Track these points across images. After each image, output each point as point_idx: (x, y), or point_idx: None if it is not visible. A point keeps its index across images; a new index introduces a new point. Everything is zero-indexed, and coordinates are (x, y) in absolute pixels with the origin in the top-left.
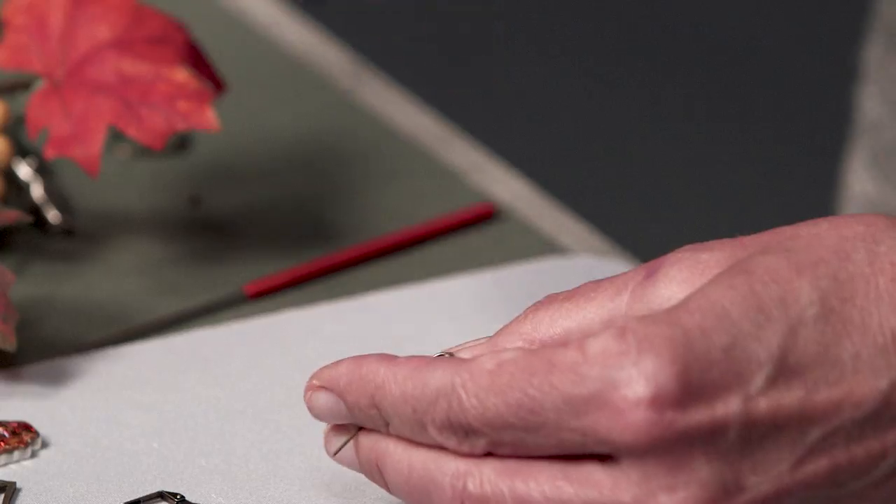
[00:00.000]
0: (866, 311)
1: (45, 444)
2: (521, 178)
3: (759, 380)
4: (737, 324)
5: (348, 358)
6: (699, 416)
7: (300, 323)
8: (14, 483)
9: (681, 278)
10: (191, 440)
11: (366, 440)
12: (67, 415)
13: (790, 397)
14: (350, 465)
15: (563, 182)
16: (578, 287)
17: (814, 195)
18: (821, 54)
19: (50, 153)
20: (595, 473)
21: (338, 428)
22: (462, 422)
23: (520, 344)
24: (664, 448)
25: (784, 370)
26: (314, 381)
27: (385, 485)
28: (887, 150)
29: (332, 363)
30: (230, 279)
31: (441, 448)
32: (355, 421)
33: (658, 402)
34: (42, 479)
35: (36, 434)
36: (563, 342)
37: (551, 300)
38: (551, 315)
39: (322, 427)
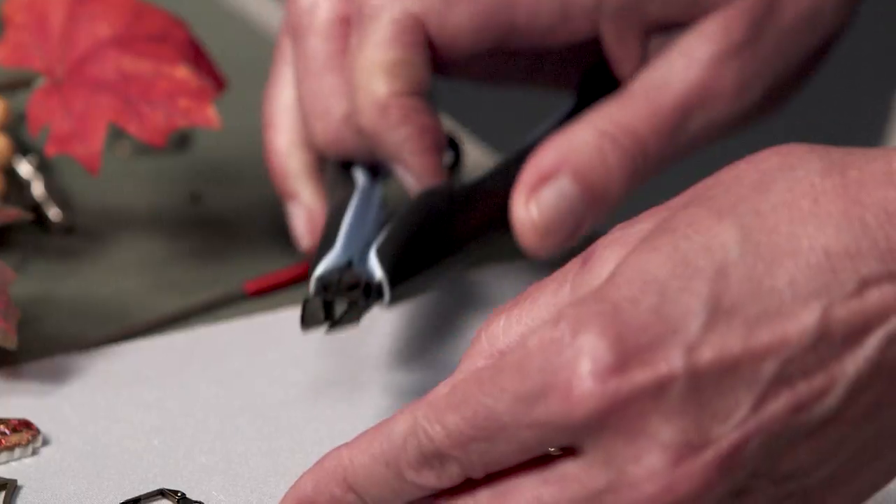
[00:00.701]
0: (794, 235)
1: (45, 442)
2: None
3: (694, 328)
4: (664, 283)
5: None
6: (642, 376)
7: (300, 320)
8: (15, 480)
9: (615, 257)
10: (191, 438)
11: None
12: (68, 412)
13: (732, 338)
14: None
15: None
16: (523, 292)
17: None
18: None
19: (51, 151)
20: (568, 469)
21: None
22: (432, 451)
23: (482, 364)
24: (617, 419)
25: (719, 313)
26: None
27: None
28: None
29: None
30: (230, 277)
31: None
32: None
33: (598, 374)
34: (43, 476)
35: (37, 431)
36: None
37: (498, 312)
38: (503, 326)
39: (321, 425)
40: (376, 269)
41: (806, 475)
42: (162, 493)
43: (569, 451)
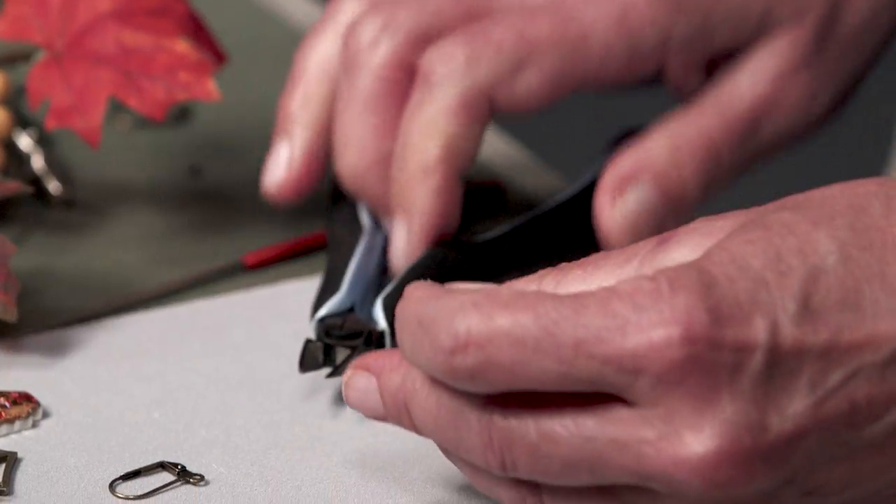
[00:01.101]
0: (884, 260)
1: (45, 415)
2: (522, 149)
3: (784, 317)
4: (759, 273)
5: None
6: (728, 345)
7: (299, 293)
8: (15, 453)
9: (693, 243)
10: (191, 410)
11: (391, 381)
12: (68, 385)
13: (814, 337)
14: (372, 412)
15: (566, 154)
16: (588, 256)
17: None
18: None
19: (51, 124)
20: (621, 413)
21: (359, 372)
22: (486, 353)
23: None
24: (692, 382)
25: (807, 313)
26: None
27: (412, 425)
28: None
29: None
30: (230, 250)
31: None
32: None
33: (691, 332)
34: (43, 449)
35: (37, 404)
36: None
37: (561, 267)
38: (558, 280)
39: (321, 398)
40: (381, 319)
41: (830, 494)
42: (162, 465)
43: (619, 400)
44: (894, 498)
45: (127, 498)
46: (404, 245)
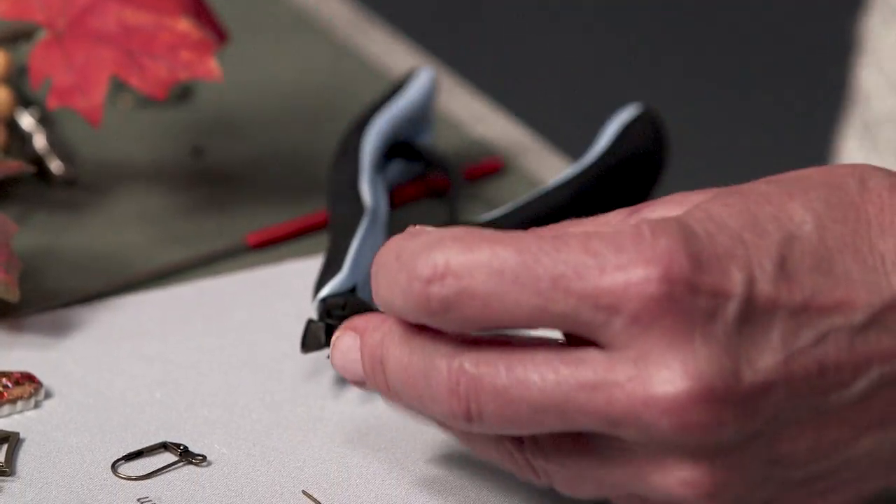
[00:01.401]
0: (857, 233)
1: (48, 395)
2: (524, 128)
3: (761, 273)
4: (737, 232)
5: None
6: (705, 290)
7: (302, 273)
8: (17, 433)
9: (667, 210)
10: (194, 391)
11: (372, 338)
12: (70, 365)
13: (788, 296)
14: (353, 374)
15: (567, 132)
16: (557, 224)
17: (806, 164)
18: (819, 25)
19: (52, 103)
20: (591, 354)
21: (346, 332)
22: (460, 283)
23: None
24: (667, 322)
25: (782, 273)
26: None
27: (385, 385)
28: (879, 120)
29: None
30: (232, 229)
31: (439, 334)
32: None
33: (670, 275)
34: (45, 429)
35: (39, 384)
36: None
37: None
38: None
39: (323, 378)
40: None
41: (792, 467)
42: (164, 445)
43: (590, 344)
44: (853, 483)
45: (129, 478)
46: None
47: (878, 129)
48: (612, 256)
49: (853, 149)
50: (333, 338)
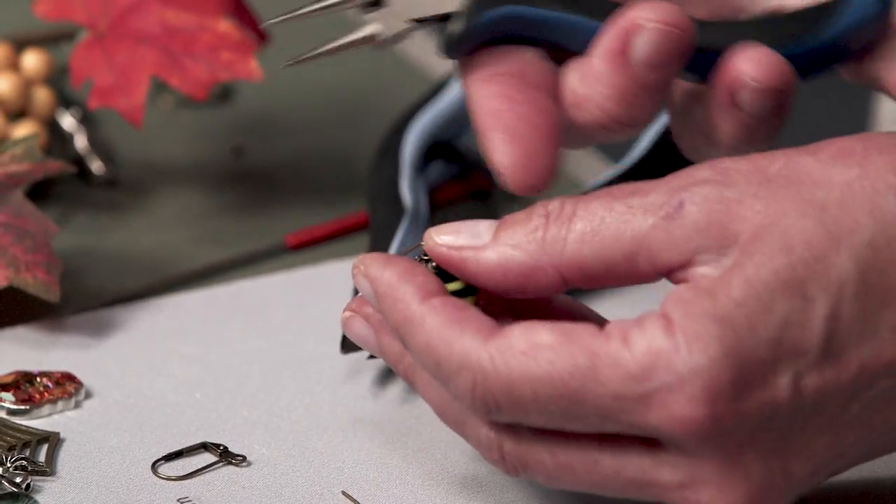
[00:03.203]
0: None
1: (88, 395)
2: None
3: (805, 365)
4: (782, 315)
5: (396, 265)
6: (751, 406)
7: (341, 274)
8: (58, 433)
9: (708, 209)
10: (233, 391)
11: (391, 346)
12: (111, 365)
13: (835, 379)
14: (370, 350)
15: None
16: (599, 192)
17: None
18: None
19: (93, 104)
20: (637, 452)
21: (357, 318)
22: (489, 402)
23: (524, 240)
24: (716, 444)
25: (829, 355)
26: (360, 266)
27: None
28: None
29: (384, 262)
30: (272, 230)
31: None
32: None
33: (712, 399)
34: (85, 429)
35: (80, 384)
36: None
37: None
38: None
39: (363, 379)
40: None
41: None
42: (204, 446)
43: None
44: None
45: (169, 478)
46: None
47: None
48: (656, 389)
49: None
50: (343, 316)
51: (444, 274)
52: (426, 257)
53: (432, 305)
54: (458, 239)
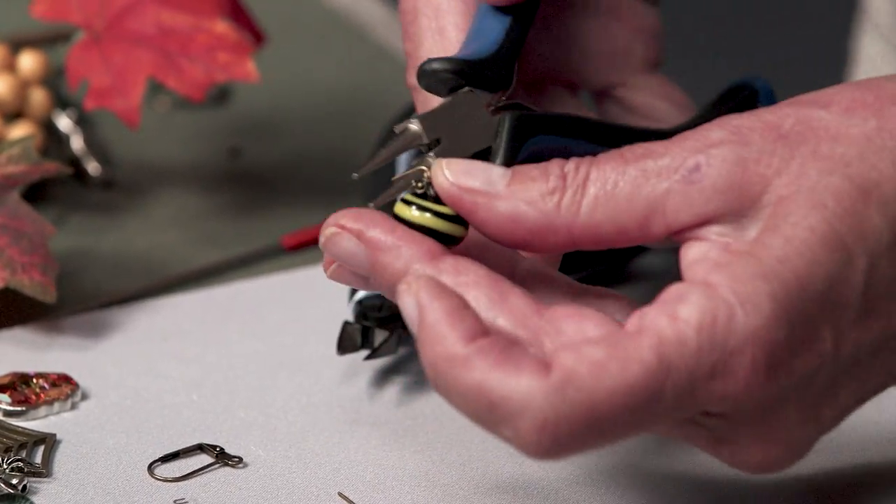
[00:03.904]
0: None
1: (84, 396)
2: None
3: (846, 319)
4: (828, 269)
5: (448, 299)
6: (800, 364)
7: None
8: (54, 435)
9: (722, 180)
10: (230, 392)
11: (392, 266)
12: (107, 366)
13: (868, 333)
14: (349, 278)
15: None
16: (612, 153)
17: None
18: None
19: (90, 105)
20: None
21: (345, 235)
22: (560, 438)
23: (538, 198)
24: (764, 404)
25: (866, 307)
26: (411, 284)
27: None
28: None
29: (436, 292)
30: (268, 231)
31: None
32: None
33: (771, 361)
34: (82, 430)
35: (76, 386)
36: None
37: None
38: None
39: (359, 380)
40: None
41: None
42: (201, 447)
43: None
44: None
45: (166, 480)
46: None
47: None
48: (717, 356)
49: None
50: (324, 233)
51: (436, 199)
52: (421, 183)
53: (480, 346)
54: (470, 181)
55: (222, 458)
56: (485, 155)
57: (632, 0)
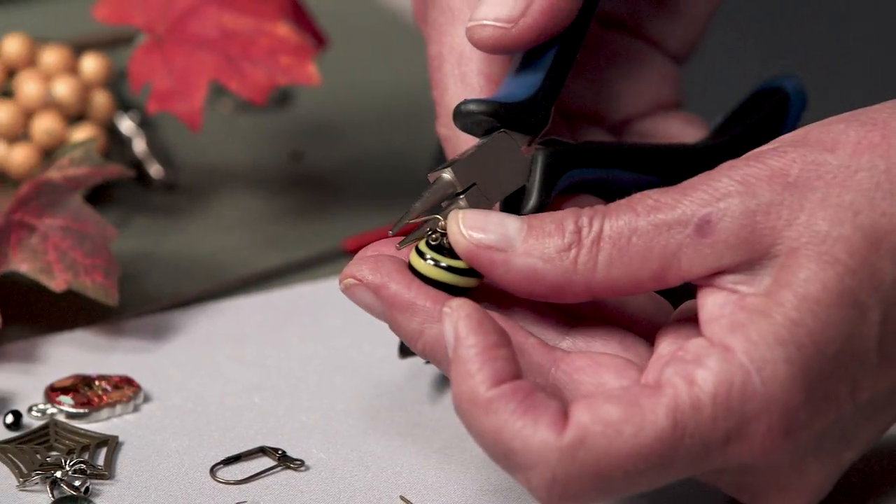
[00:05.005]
0: None
1: (147, 399)
2: None
3: (863, 372)
4: (842, 328)
5: (485, 335)
6: (820, 422)
7: None
8: (116, 437)
9: (732, 235)
10: (291, 395)
11: (409, 323)
12: (169, 369)
13: (885, 381)
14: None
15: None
16: (622, 204)
17: None
18: None
19: (152, 108)
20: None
21: (362, 289)
22: (570, 491)
23: (555, 256)
24: (783, 460)
25: (882, 356)
26: (455, 311)
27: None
28: None
29: (476, 325)
30: (330, 234)
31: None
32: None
33: (789, 426)
34: (144, 433)
35: (138, 388)
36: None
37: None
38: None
39: (420, 384)
40: None
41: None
42: (262, 450)
43: None
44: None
45: (228, 482)
46: None
47: None
48: (736, 421)
49: None
50: (342, 282)
51: (450, 250)
52: (436, 233)
53: (503, 392)
54: (486, 236)
55: (284, 460)
56: (519, 194)
57: (656, 52)
